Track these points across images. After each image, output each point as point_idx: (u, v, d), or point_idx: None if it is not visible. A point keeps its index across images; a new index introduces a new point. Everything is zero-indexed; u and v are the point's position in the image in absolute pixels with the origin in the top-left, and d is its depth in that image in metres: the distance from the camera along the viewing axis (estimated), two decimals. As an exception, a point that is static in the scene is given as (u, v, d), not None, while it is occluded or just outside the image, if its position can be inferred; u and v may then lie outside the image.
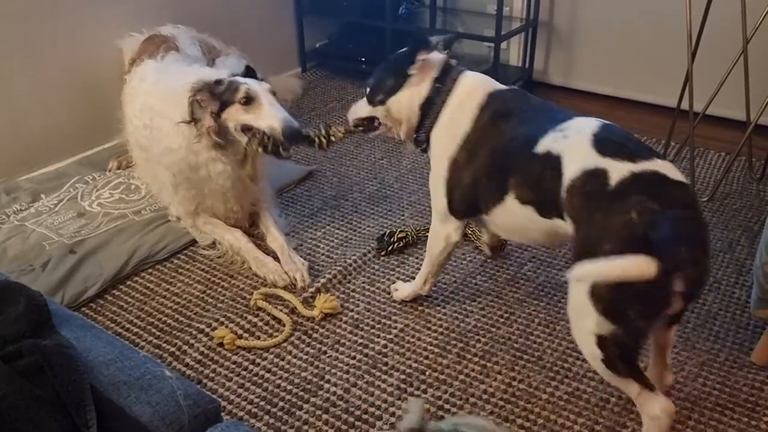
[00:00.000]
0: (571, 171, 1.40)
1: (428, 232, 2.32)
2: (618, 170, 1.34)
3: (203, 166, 2.16)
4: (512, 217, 1.60)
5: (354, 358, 1.84)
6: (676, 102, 2.66)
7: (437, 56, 1.73)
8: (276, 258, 2.19)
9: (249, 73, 2.18)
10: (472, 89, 1.69)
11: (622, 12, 3.21)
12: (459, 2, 3.70)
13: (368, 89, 1.81)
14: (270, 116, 2.01)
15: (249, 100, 2.03)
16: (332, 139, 1.94)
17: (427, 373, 1.78)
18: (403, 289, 2.03)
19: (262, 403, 1.71)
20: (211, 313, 2.02)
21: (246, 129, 2.05)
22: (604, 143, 1.41)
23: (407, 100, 1.74)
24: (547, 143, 1.48)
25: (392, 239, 2.27)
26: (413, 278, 2.14)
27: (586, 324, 1.39)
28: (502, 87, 1.72)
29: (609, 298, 1.32)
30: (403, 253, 2.27)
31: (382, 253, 2.26)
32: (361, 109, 1.84)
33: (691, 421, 1.62)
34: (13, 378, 1.01)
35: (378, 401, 1.71)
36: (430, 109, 1.72)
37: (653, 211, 1.27)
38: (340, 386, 1.75)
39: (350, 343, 1.90)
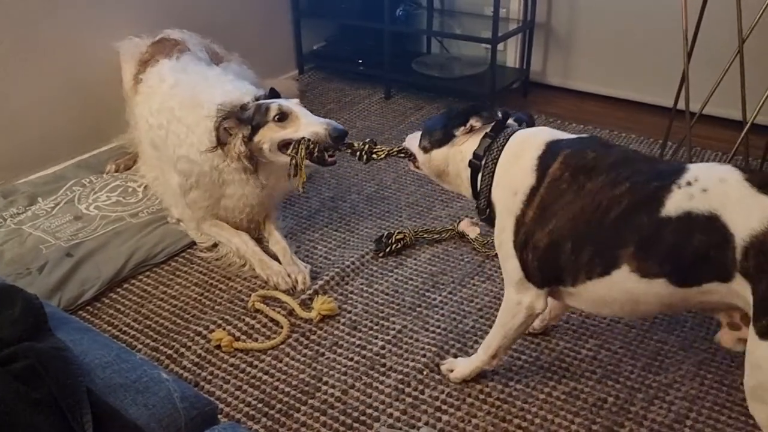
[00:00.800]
0: (747, 227, 1.20)
1: (426, 233, 2.35)
2: None
3: (228, 186, 2.17)
4: (618, 291, 1.38)
5: (352, 359, 1.84)
6: (673, 102, 2.66)
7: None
8: (278, 261, 2.19)
9: (274, 94, 2.18)
10: (526, 140, 1.52)
11: (619, 13, 3.21)
12: (456, 4, 3.70)
13: (424, 127, 1.70)
14: (311, 124, 2.01)
15: (283, 116, 2.03)
16: (373, 156, 1.85)
17: (425, 373, 1.78)
18: (462, 368, 1.74)
19: (260, 405, 1.71)
20: (209, 315, 2.02)
21: (284, 145, 2.04)
22: None
23: (451, 156, 1.62)
24: (679, 203, 1.27)
25: (390, 240, 2.27)
26: (411, 279, 2.15)
27: None
28: (567, 136, 1.52)
29: None
30: (401, 254, 2.27)
31: (380, 255, 2.26)
32: (414, 141, 1.72)
33: (689, 421, 1.62)
34: (9, 381, 1.01)
35: (376, 402, 1.70)
36: (481, 167, 1.55)
37: None
38: (338, 388, 1.75)
39: (348, 344, 1.89)
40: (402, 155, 1.78)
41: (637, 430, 1.60)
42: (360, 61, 3.60)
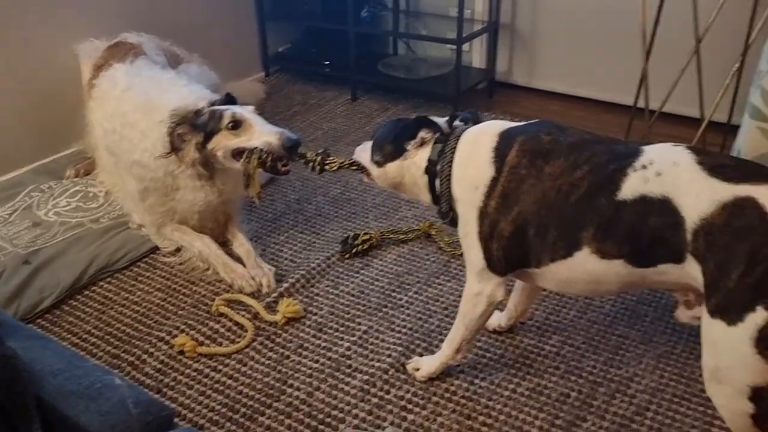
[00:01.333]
0: (696, 209, 1.22)
1: (393, 233, 2.35)
2: None
3: (182, 191, 2.14)
4: (581, 272, 1.41)
5: (317, 361, 1.83)
6: (633, 100, 2.72)
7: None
8: (243, 264, 2.17)
9: (230, 99, 2.15)
10: (478, 136, 1.53)
11: (581, 13, 3.26)
12: (421, 5, 3.71)
13: (373, 141, 1.70)
14: (264, 133, 1.98)
15: (237, 124, 2.01)
16: (326, 168, 1.84)
17: (390, 373, 1.78)
18: (427, 366, 1.75)
19: (224, 410, 1.69)
20: (172, 320, 1.99)
21: (237, 153, 2.01)
22: (721, 169, 1.24)
23: (406, 168, 1.63)
24: (635, 187, 1.30)
25: (356, 242, 2.27)
26: (377, 280, 2.15)
27: (740, 376, 1.21)
28: (517, 124, 1.53)
29: None
30: (367, 255, 2.26)
31: (346, 256, 2.25)
32: (365, 154, 1.72)
33: (649, 413, 1.65)
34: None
35: (341, 404, 1.70)
36: (437, 172, 1.57)
37: None
38: (303, 390, 1.74)
39: (313, 346, 1.88)
40: (354, 167, 1.77)
41: (600, 424, 1.63)
42: (326, 63, 3.59)
